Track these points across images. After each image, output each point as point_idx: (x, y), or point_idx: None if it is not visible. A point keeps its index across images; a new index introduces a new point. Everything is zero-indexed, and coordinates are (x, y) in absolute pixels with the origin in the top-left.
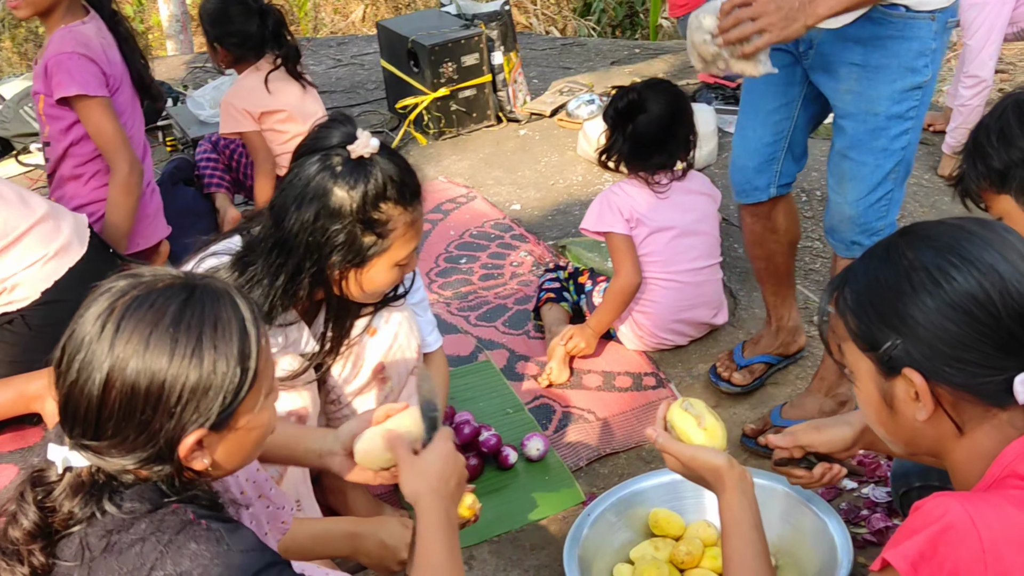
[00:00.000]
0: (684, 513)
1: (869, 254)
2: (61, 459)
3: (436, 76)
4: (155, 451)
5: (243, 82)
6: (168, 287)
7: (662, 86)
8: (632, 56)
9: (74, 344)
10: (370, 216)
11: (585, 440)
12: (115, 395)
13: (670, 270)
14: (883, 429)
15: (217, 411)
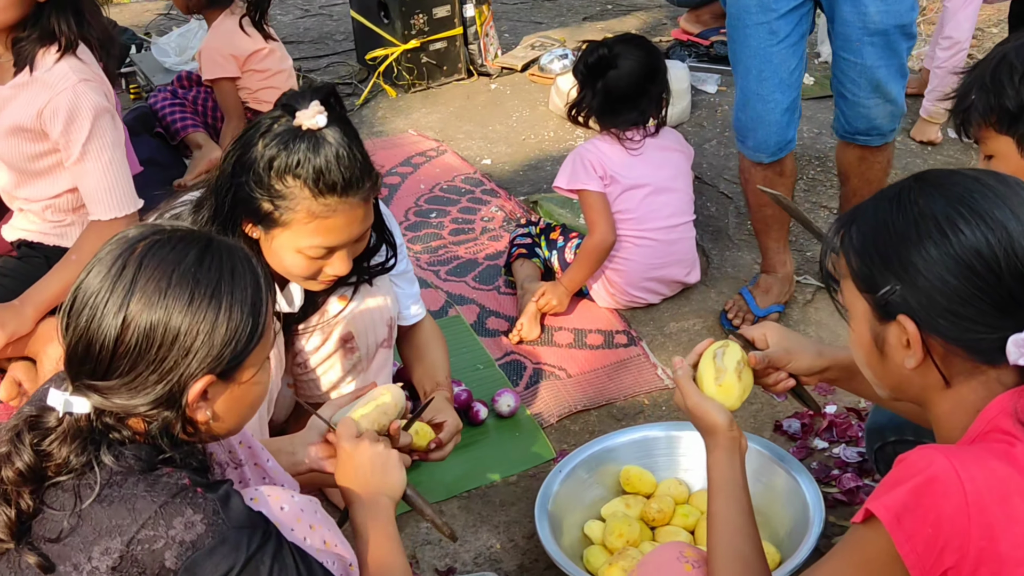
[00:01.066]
0: (655, 471)
1: (881, 195)
2: (62, 403)
3: (407, 28)
4: (165, 393)
5: (221, 27)
6: (187, 235)
7: (634, 41)
8: (604, 12)
9: (91, 285)
10: (268, 182)
11: (556, 397)
12: (132, 334)
13: (644, 227)
14: (870, 371)
15: (228, 358)
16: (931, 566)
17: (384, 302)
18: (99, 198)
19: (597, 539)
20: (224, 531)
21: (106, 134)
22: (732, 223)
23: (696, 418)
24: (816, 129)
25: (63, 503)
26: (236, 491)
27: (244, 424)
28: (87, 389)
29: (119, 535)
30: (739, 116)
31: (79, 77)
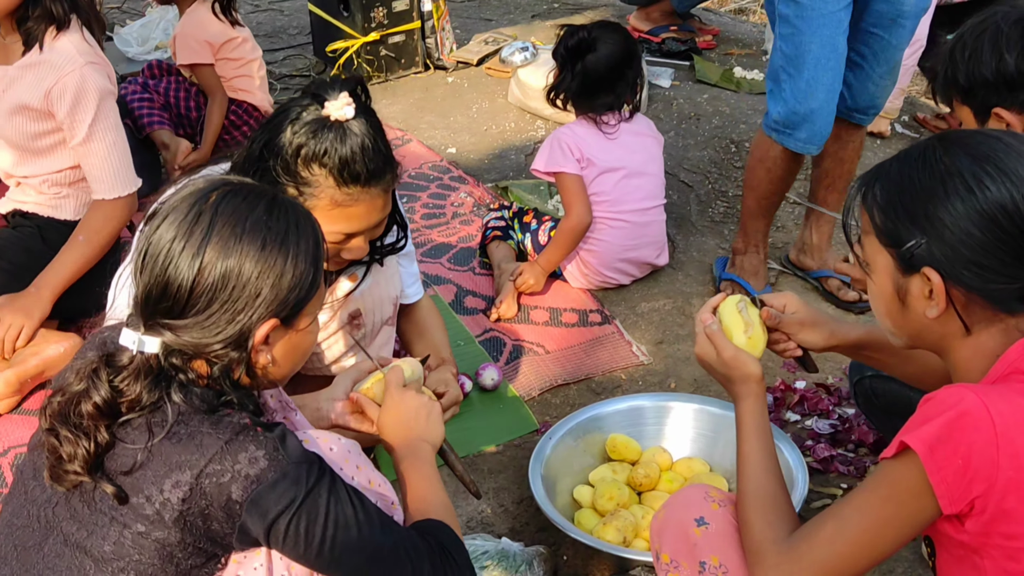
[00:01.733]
0: (640, 439)
1: (905, 154)
2: (135, 341)
3: (367, 20)
4: (235, 333)
5: (195, 14)
6: (255, 188)
7: (612, 27)
8: (552, 11)
9: (165, 232)
10: (295, 169)
11: (536, 372)
12: (208, 276)
13: (618, 209)
14: (889, 321)
15: (292, 304)
16: (960, 495)
17: (391, 281)
18: (103, 178)
19: (587, 503)
20: (284, 466)
21: (110, 116)
22: (694, 210)
23: (731, 368)
24: None
25: (135, 438)
26: (290, 431)
27: (295, 371)
28: (161, 328)
29: (188, 469)
30: (797, 108)
31: (86, 60)
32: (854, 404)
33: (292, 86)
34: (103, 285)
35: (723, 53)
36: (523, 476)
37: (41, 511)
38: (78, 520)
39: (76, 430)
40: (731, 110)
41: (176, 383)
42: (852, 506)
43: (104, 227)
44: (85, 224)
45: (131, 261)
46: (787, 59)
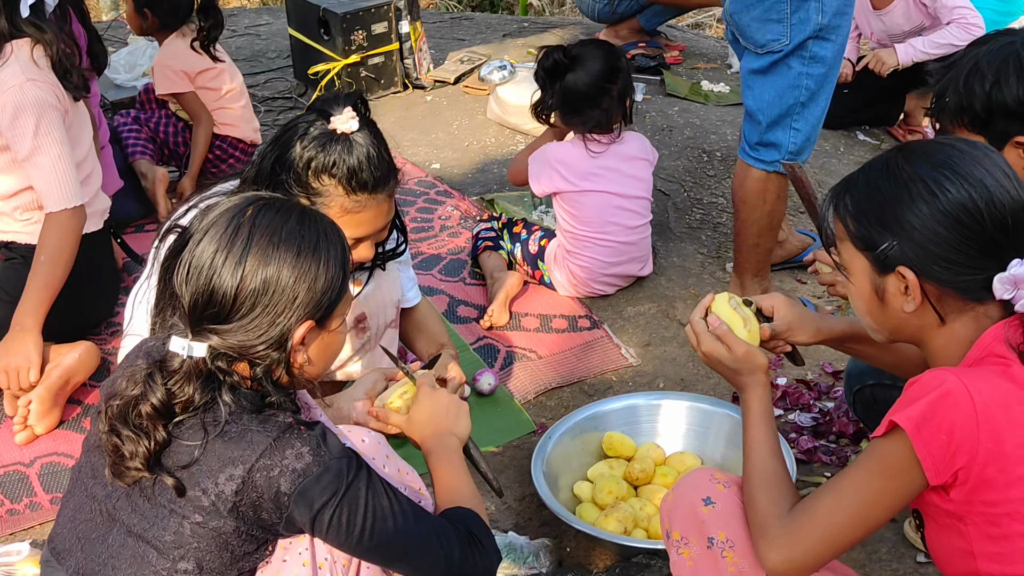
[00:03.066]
0: (635, 436)
1: (869, 166)
2: (185, 347)
3: (347, 43)
4: (276, 335)
5: (172, 45)
6: (285, 201)
7: (595, 43)
8: (522, 30)
9: (207, 247)
10: (306, 181)
11: (531, 376)
12: (250, 283)
13: (605, 230)
14: (871, 319)
15: (325, 306)
16: (945, 467)
17: (394, 285)
18: (51, 191)
19: (587, 497)
20: (327, 461)
21: (53, 130)
22: (672, 217)
23: (743, 363)
24: (739, 132)
25: (191, 436)
26: (329, 429)
27: (327, 369)
28: (208, 333)
29: (241, 464)
30: (812, 135)
31: (27, 77)
32: (834, 398)
33: (275, 108)
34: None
35: (690, 68)
36: (524, 474)
37: (103, 506)
38: (139, 513)
39: (136, 430)
40: (701, 121)
41: (225, 385)
42: (847, 481)
43: (61, 241)
44: (43, 243)
45: (148, 276)
46: (811, 94)
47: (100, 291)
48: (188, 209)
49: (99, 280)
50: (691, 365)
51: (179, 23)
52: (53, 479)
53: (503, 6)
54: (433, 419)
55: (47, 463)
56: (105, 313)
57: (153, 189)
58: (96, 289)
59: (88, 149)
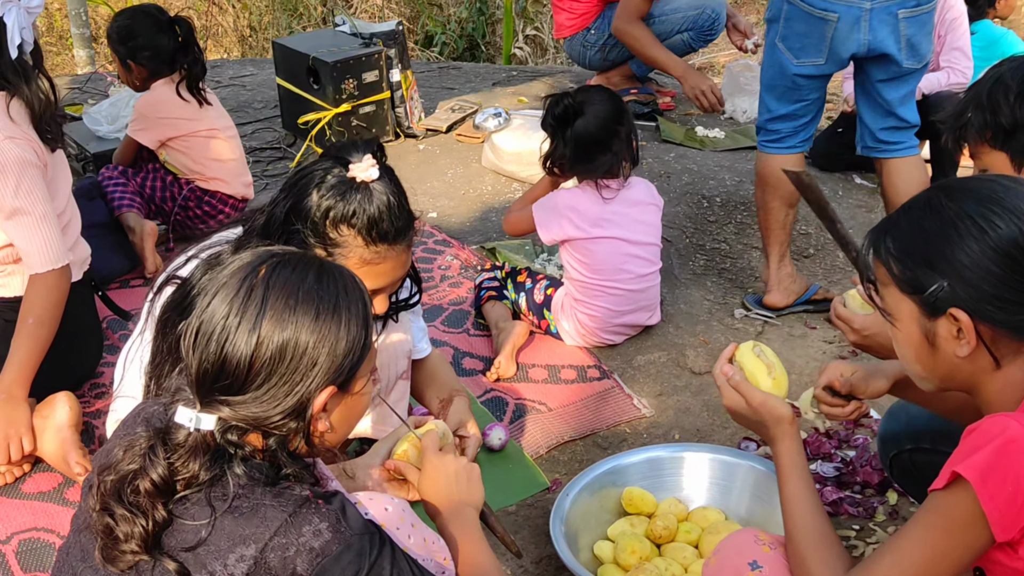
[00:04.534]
0: (655, 491)
1: (909, 206)
2: (191, 419)
3: (338, 92)
4: (294, 404)
5: (155, 92)
6: (302, 256)
7: (595, 89)
8: (510, 78)
9: (217, 309)
10: (324, 232)
11: (542, 429)
12: (266, 350)
13: (616, 278)
14: (920, 366)
15: (347, 369)
16: (1012, 521)
17: (405, 336)
18: (36, 251)
19: (608, 558)
20: (348, 537)
21: (35, 189)
22: (676, 264)
23: (762, 414)
24: (737, 178)
25: (195, 514)
26: (349, 501)
27: (349, 434)
28: (219, 404)
29: (253, 543)
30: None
31: (4, 135)
32: (855, 446)
33: (263, 159)
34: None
35: (683, 113)
36: (540, 534)
37: None
38: None
39: (133, 508)
40: (698, 167)
41: (237, 457)
42: (907, 540)
43: (48, 302)
44: (30, 304)
45: (141, 332)
46: None
47: (82, 348)
48: (188, 259)
49: (80, 337)
50: (706, 415)
51: (167, 68)
52: (32, 556)
53: (484, 57)
54: (445, 490)
55: (25, 539)
56: (87, 372)
57: (141, 243)
58: (77, 346)
59: (68, 199)
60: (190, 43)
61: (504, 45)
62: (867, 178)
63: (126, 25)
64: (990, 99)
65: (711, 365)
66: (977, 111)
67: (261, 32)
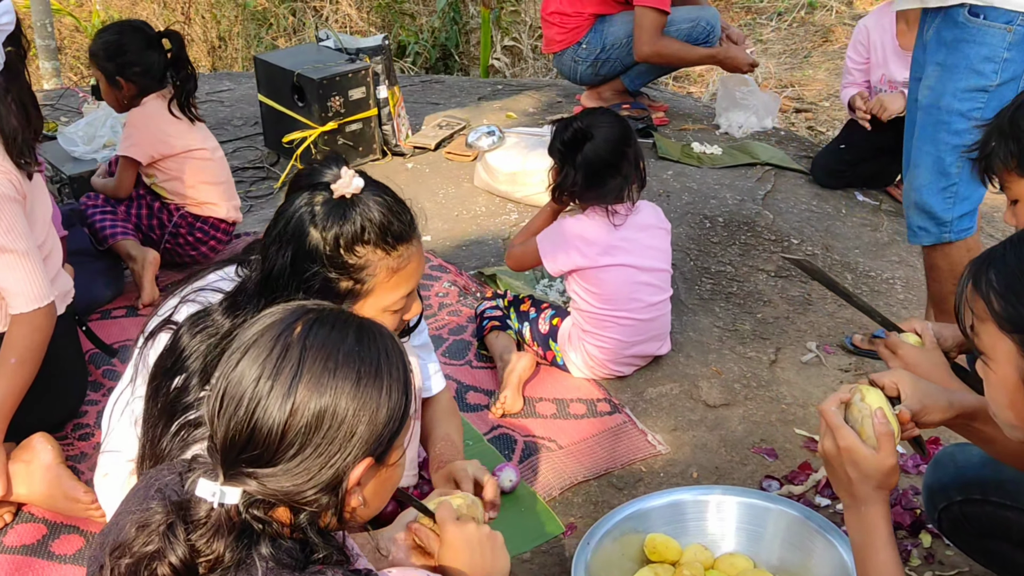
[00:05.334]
0: (680, 536)
1: (1018, 239)
2: (214, 493)
3: (324, 110)
4: (329, 477)
5: (148, 106)
6: (339, 313)
7: (599, 111)
8: (496, 92)
9: (247, 371)
10: (344, 261)
11: (554, 469)
12: (301, 419)
13: (627, 307)
14: (1012, 413)
15: (386, 439)
16: None
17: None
18: (19, 291)
19: None
20: None
21: (17, 225)
22: (682, 289)
23: (884, 471)
24: (739, 196)
25: None
26: None
27: (381, 509)
28: (245, 477)
29: None
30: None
31: None
32: None
33: (245, 179)
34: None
35: (678, 129)
36: None
37: None
38: None
39: None
40: (698, 186)
41: (264, 537)
42: None
43: (33, 342)
44: (12, 344)
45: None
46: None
47: (64, 387)
48: (182, 301)
49: (62, 375)
50: (724, 452)
51: (158, 84)
52: None
53: (458, 67)
54: (468, 562)
55: None
56: (70, 412)
57: (141, 272)
58: (59, 385)
59: (48, 227)
60: (181, 58)
61: (482, 56)
62: (868, 195)
63: (114, 41)
64: (1012, 126)
65: (725, 396)
66: (1000, 139)
67: (231, 43)
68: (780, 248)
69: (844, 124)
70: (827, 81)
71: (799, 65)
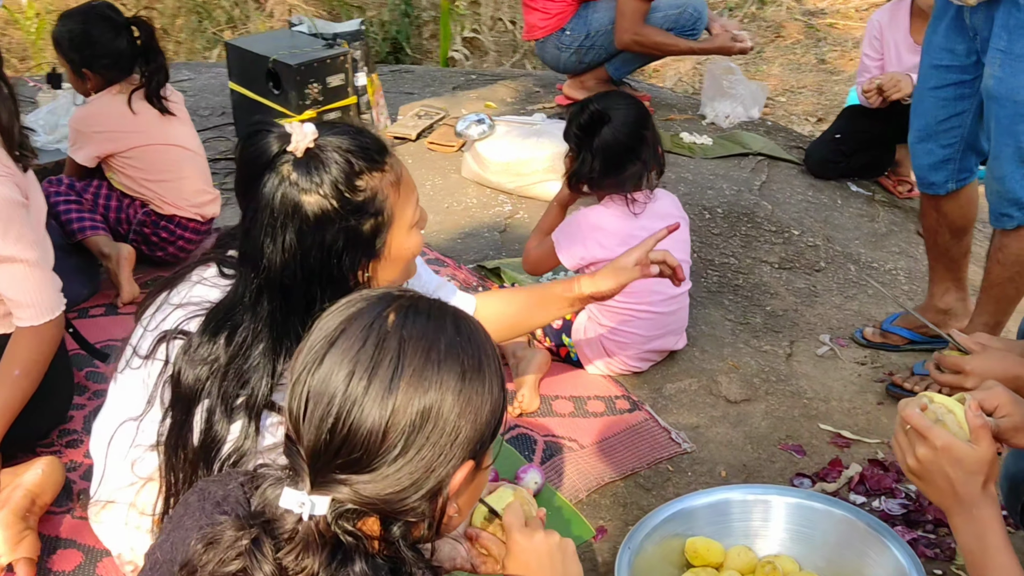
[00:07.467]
0: (723, 538)
1: None
2: (303, 504)
3: (302, 98)
4: (434, 483)
5: (97, 103)
6: (431, 301)
7: (613, 94)
8: (470, 82)
9: (338, 368)
10: (355, 202)
11: (579, 470)
12: (404, 418)
13: (647, 301)
14: None
15: (487, 440)
16: None
17: None
18: (27, 302)
19: None
20: None
21: (25, 231)
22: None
23: (988, 465)
24: (735, 187)
25: None
26: None
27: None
28: (337, 484)
29: None
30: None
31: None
32: None
33: (218, 171)
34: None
35: (663, 119)
36: None
37: None
38: None
39: None
40: (693, 176)
41: (359, 552)
42: None
43: (41, 354)
44: (16, 356)
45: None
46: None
47: (54, 394)
48: (176, 308)
49: (52, 381)
50: (750, 448)
51: (125, 75)
52: None
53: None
54: (537, 572)
55: None
56: (58, 419)
57: (116, 270)
58: (50, 392)
59: (43, 227)
60: (151, 47)
61: (441, 48)
62: (862, 186)
63: (80, 31)
64: None
65: (745, 391)
66: None
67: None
68: (782, 240)
69: (839, 114)
70: (782, 76)
71: (753, 61)
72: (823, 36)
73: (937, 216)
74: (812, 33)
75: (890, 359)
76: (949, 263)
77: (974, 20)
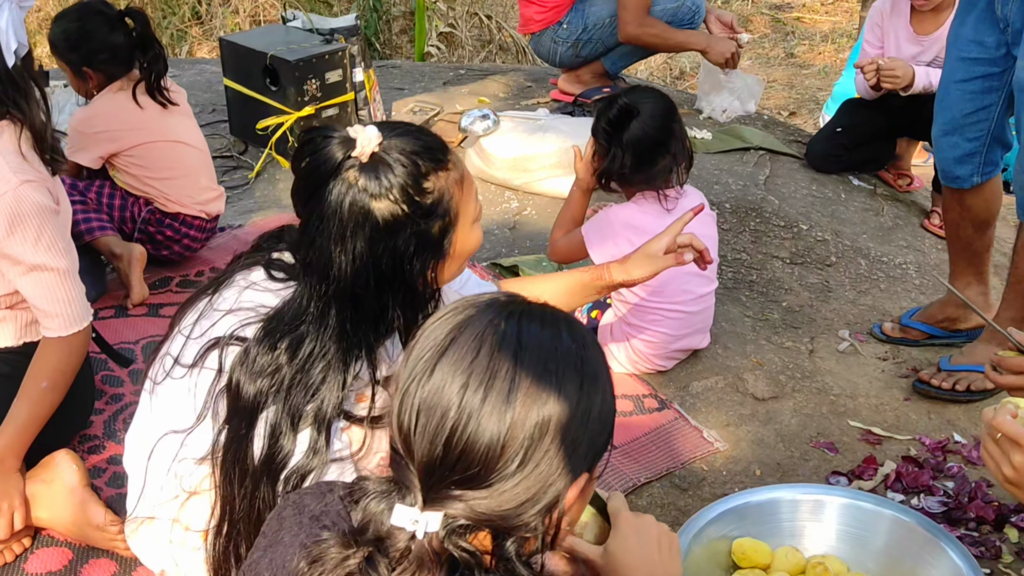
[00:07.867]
0: (771, 538)
1: None
2: (416, 520)
3: (300, 94)
4: (552, 496)
5: (100, 102)
6: (541, 305)
7: (639, 88)
8: (460, 77)
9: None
10: (424, 204)
11: (612, 471)
12: (522, 432)
13: (677, 300)
14: None
15: (603, 445)
16: None
17: None
18: (56, 312)
19: None
20: None
21: (58, 240)
22: None
23: None
24: (741, 182)
25: None
26: None
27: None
28: (450, 499)
29: None
30: None
31: (20, 178)
32: (951, 476)
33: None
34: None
35: None
36: None
37: None
38: None
39: None
40: (697, 171)
41: (475, 569)
42: None
43: (69, 366)
44: (43, 368)
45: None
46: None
47: (77, 400)
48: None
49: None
50: (783, 447)
51: (126, 69)
52: None
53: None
54: (640, 557)
55: None
56: (79, 425)
57: (128, 270)
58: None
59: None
60: (147, 37)
61: (416, 44)
62: (863, 179)
63: (76, 28)
64: None
65: (772, 389)
66: None
67: None
68: (791, 235)
69: (840, 108)
70: (752, 70)
71: None
72: (791, 30)
73: (960, 210)
74: (779, 27)
75: (911, 354)
76: (971, 257)
77: (1006, 11)
